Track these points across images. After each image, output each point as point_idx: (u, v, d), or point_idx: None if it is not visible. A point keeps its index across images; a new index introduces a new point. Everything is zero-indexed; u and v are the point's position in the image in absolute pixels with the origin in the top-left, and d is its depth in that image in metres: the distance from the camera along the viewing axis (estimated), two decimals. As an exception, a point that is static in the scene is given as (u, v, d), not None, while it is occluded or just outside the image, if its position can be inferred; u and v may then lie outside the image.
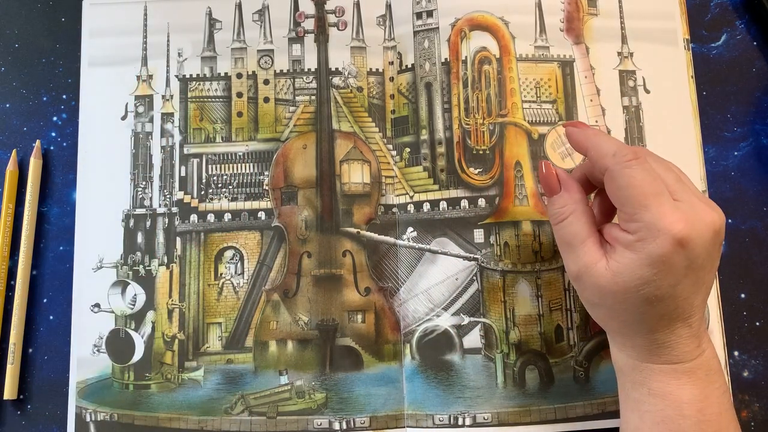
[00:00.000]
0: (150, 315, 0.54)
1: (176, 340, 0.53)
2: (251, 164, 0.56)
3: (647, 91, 0.57)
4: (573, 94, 0.57)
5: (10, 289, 0.54)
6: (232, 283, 0.54)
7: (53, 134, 0.57)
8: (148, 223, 0.55)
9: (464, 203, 0.55)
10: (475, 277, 0.54)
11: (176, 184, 0.56)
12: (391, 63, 0.58)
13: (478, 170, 0.55)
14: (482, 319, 0.53)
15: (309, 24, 0.58)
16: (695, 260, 0.38)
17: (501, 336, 0.53)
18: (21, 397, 0.53)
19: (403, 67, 0.58)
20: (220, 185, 0.56)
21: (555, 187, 0.44)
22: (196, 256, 0.55)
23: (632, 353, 0.41)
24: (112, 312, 0.54)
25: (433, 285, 0.54)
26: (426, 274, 0.54)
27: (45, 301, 0.54)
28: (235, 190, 0.56)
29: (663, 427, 0.39)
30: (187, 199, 0.56)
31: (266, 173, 0.56)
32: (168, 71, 0.58)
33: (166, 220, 0.55)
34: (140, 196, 0.56)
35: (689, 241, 0.38)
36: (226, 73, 0.58)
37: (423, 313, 0.53)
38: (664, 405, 0.39)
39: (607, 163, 0.40)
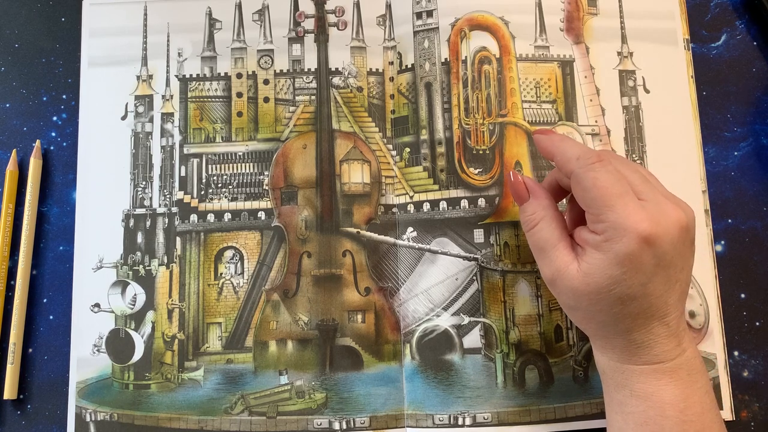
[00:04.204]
0: (150, 315, 0.54)
1: (176, 340, 0.53)
2: (251, 164, 0.56)
3: (647, 91, 0.57)
4: (573, 94, 0.57)
5: (10, 289, 0.54)
6: (232, 283, 0.54)
7: (53, 134, 0.57)
8: (148, 223, 0.55)
9: (464, 203, 0.55)
10: (475, 277, 0.54)
11: (176, 184, 0.56)
12: (391, 63, 0.58)
13: (478, 170, 0.55)
14: (482, 319, 0.53)
15: (309, 24, 0.58)
16: (663, 257, 0.38)
17: (501, 336, 0.53)
18: (21, 397, 0.53)
19: (403, 67, 0.58)
20: (220, 185, 0.56)
21: (524, 195, 0.45)
22: (196, 256, 0.55)
23: (612, 355, 0.41)
24: (112, 312, 0.54)
25: (433, 285, 0.54)
26: (426, 274, 0.54)
27: (45, 301, 0.54)
28: (235, 190, 0.56)
29: (646, 428, 0.39)
30: (187, 199, 0.56)
31: (266, 173, 0.56)
32: (168, 71, 0.58)
33: (166, 220, 0.55)
34: (140, 196, 0.56)
35: (655, 239, 0.38)
36: (226, 73, 0.58)
37: (423, 313, 0.53)
38: (646, 406, 0.39)
39: (572, 167, 0.41)
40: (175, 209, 0.55)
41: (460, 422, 0.51)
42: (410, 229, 0.55)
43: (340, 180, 0.56)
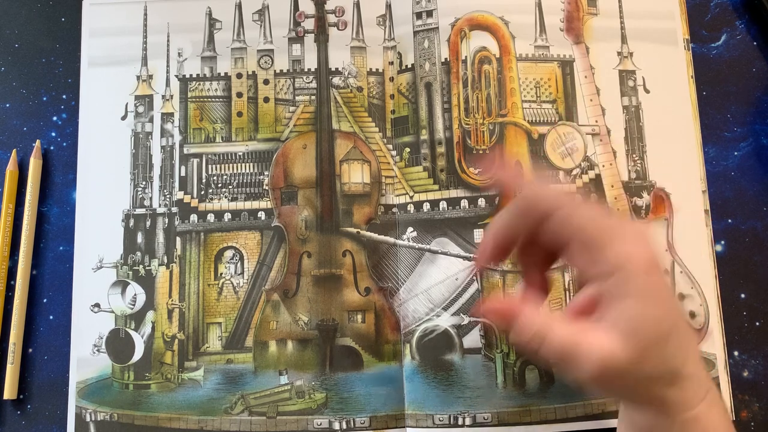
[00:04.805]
0: (150, 315, 0.54)
1: (176, 340, 0.53)
2: (251, 164, 0.56)
3: (647, 91, 0.57)
4: (573, 93, 0.57)
5: (10, 289, 0.54)
6: (232, 283, 0.54)
7: (53, 134, 0.57)
8: (148, 223, 0.55)
9: (464, 203, 0.55)
10: (475, 277, 0.54)
11: (176, 184, 0.56)
12: (391, 63, 0.58)
13: (478, 170, 0.55)
14: (482, 319, 0.53)
15: (309, 24, 0.58)
16: (666, 278, 0.37)
17: (501, 336, 0.53)
18: (21, 397, 0.53)
19: (403, 67, 0.58)
20: (220, 185, 0.56)
21: (513, 315, 0.38)
22: (196, 256, 0.55)
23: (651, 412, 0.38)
24: (112, 312, 0.54)
25: (433, 285, 0.54)
26: (426, 274, 0.54)
27: (45, 301, 0.54)
28: (235, 190, 0.56)
29: None
30: (187, 199, 0.56)
31: (266, 173, 0.56)
32: (168, 71, 0.58)
33: (166, 220, 0.55)
34: (140, 196, 0.56)
35: (656, 259, 0.36)
36: (226, 73, 0.58)
37: (423, 313, 0.53)
38: None
39: (554, 214, 0.38)
40: (175, 209, 0.55)
41: (460, 422, 0.51)
42: (410, 229, 0.55)
43: (340, 180, 0.56)
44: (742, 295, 0.55)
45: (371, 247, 0.55)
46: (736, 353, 0.54)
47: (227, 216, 0.55)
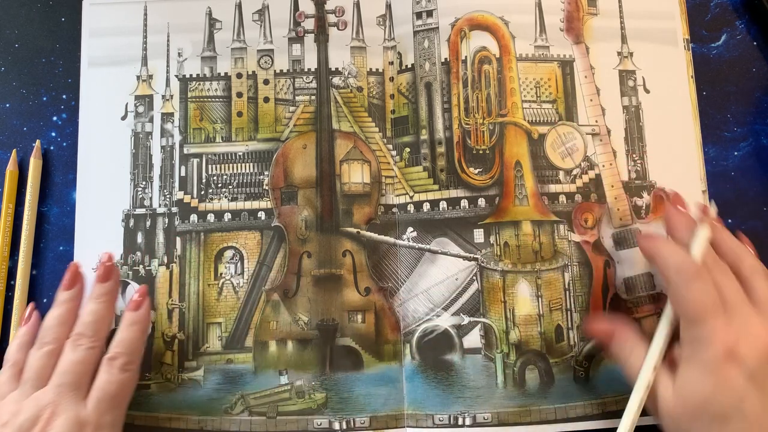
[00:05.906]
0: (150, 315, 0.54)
1: (176, 340, 0.53)
2: (251, 164, 0.56)
3: (647, 91, 0.57)
4: (573, 93, 0.57)
5: (10, 289, 0.54)
6: (232, 283, 0.54)
7: (53, 134, 0.57)
8: (148, 223, 0.55)
9: (464, 203, 0.55)
10: (475, 277, 0.54)
11: (176, 184, 0.56)
12: (391, 63, 0.58)
13: (478, 170, 0.55)
14: (482, 319, 0.53)
15: (309, 24, 0.58)
16: (755, 376, 0.39)
17: (501, 336, 0.53)
18: (21, 397, 0.53)
19: (403, 67, 0.58)
20: (220, 185, 0.56)
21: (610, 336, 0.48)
22: (196, 256, 0.55)
23: None
24: (112, 312, 0.54)
25: (433, 285, 0.54)
26: (426, 274, 0.54)
27: (45, 301, 0.54)
28: (235, 190, 0.56)
29: None
30: (187, 199, 0.56)
31: (266, 173, 0.56)
32: (168, 71, 0.58)
33: (166, 220, 0.55)
34: (140, 196, 0.56)
35: (738, 354, 0.39)
36: (226, 73, 0.58)
37: (423, 313, 0.53)
38: None
39: (671, 277, 0.43)
40: (175, 209, 0.55)
41: (460, 422, 0.51)
42: (410, 229, 0.55)
43: (340, 180, 0.56)
44: (742, 295, 0.54)
45: (371, 247, 0.55)
46: (736, 353, 0.53)
47: (227, 216, 0.55)
